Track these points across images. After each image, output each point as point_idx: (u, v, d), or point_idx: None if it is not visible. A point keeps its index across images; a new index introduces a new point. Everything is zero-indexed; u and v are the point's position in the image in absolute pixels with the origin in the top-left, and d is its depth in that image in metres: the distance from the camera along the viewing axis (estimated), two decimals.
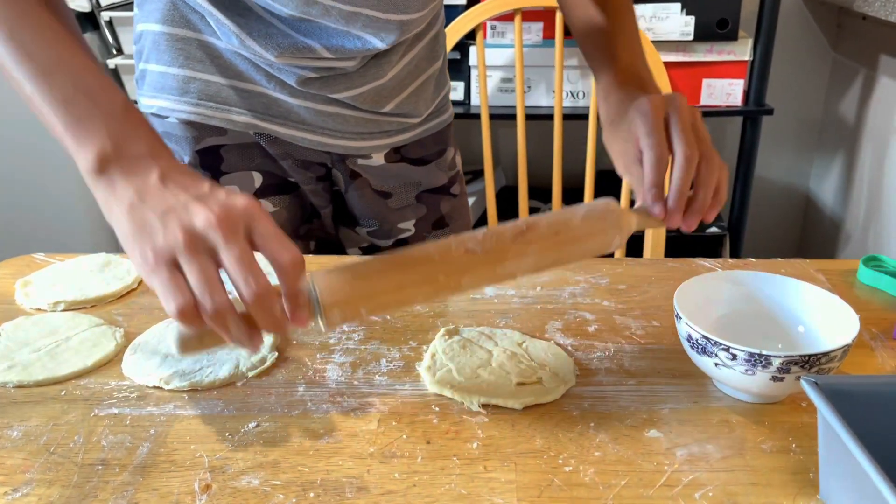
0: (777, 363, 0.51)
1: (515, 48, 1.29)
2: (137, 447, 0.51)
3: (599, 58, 0.75)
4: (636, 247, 1.26)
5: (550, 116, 1.37)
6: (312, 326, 0.51)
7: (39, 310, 0.69)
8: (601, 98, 0.73)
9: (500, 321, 0.68)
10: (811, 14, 1.87)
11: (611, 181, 1.20)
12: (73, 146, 0.52)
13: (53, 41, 0.55)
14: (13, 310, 0.70)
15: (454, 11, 1.37)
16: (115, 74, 1.76)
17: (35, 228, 1.90)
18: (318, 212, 0.89)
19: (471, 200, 1.65)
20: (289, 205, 0.85)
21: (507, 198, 1.73)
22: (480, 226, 1.03)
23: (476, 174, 1.83)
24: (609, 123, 0.69)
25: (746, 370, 0.52)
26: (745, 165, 1.65)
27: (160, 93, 0.79)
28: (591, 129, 1.25)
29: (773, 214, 2.07)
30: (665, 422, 0.54)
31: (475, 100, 1.62)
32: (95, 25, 1.72)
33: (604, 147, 0.75)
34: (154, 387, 0.58)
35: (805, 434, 0.53)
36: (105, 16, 1.67)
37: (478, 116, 1.31)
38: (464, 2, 1.53)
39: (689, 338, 0.55)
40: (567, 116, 1.34)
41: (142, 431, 0.53)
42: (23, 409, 0.56)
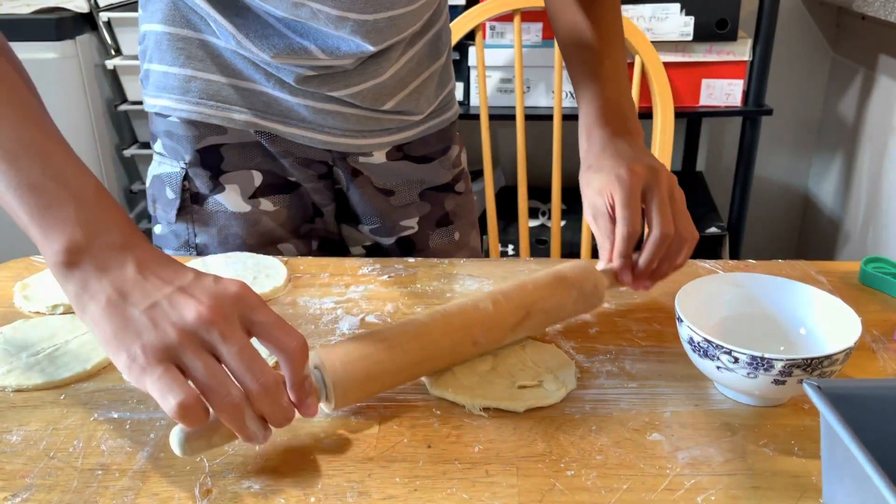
0: (779, 366, 0.51)
1: (515, 48, 1.29)
2: (137, 452, 0.51)
3: (584, 82, 0.77)
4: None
5: (550, 117, 1.37)
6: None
7: (38, 313, 0.69)
8: (583, 133, 0.75)
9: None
10: (810, 14, 1.87)
11: None
12: (40, 236, 0.47)
13: (16, 111, 0.49)
14: (12, 313, 0.69)
15: (453, 12, 1.37)
16: (113, 75, 1.76)
17: None
18: (320, 210, 0.89)
19: None
20: (290, 204, 0.85)
21: (507, 198, 1.72)
22: (480, 225, 1.03)
23: (475, 174, 1.83)
24: (587, 167, 0.72)
25: (748, 373, 0.52)
26: (745, 166, 1.65)
27: (163, 92, 0.79)
28: None
29: (773, 215, 2.07)
30: (667, 425, 0.54)
31: (474, 100, 1.62)
32: (94, 26, 1.71)
33: None
34: None
35: (807, 437, 0.52)
36: (103, 16, 1.67)
37: (477, 117, 1.31)
38: (463, 2, 1.53)
39: (691, 341, 0.55)
40: (566, 117, 1.33)
41: (142, 436, 0.53)
42: (22, 414, 0.55)
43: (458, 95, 1.63)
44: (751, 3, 1.71)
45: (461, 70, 1.61)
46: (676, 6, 1.51)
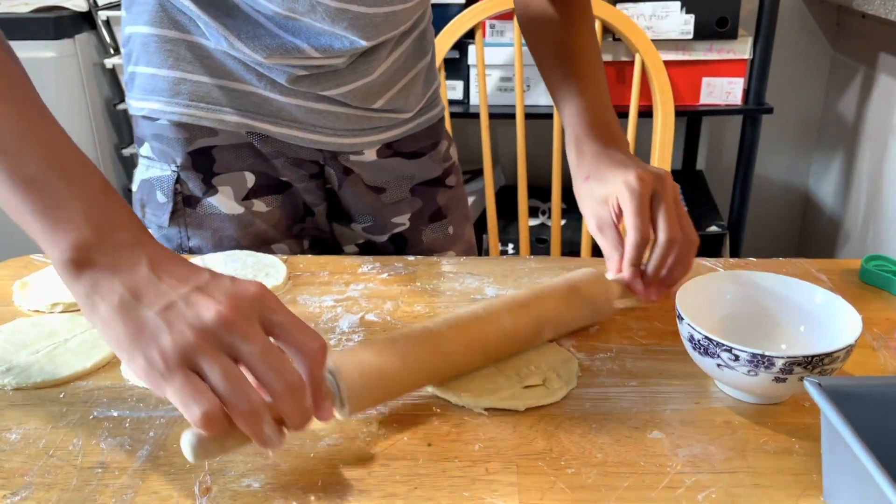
0: (780, 364, 0.51)
1: (514, 47, 1.29)
2: (137, 450, 0.51)
3: (566, 95, 0.77)
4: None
5: (550, 115, 1.37)
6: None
7: (37, 311, 0.69)
8: (571, 145, 0.75)
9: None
10: (811, 12, 1.87)
11: None
12: (45, 234, 0.45)
13: (16, 105, 0.47)
14: (11, 311, 0.69)
15: (453, 10, 1.37)
16: (112, 74, 1.76)
17: None
18: (312, 210, 0.89)
19: (470, 199, 1.65)
20: (282, 204, 0.85)
21: (507, 197, 1.72)
22: (479, 224, 1.02)
23: (475, 173, 1.83)
24: (583, 180, 0.71)
25: (749, 371, 0.52)
26: (745, 164, 1.65)
27: (150, 95, 0.79)
28: None
29: (773, 213, 2.07)
30: (667, 423, 0.54)
31: (474, 99, 1.62)
32: (92, 25, 1.71)
33: None
34: None
35: (808, 435, 0.52)
36: (102, 15, 1.67)
37: (477, 116, 1.31)
38: (462, 1, 1.53)
39: (692, 338, 0.55)
40: None
41: (141, 434, 0.53)
42: (21, 412, 0.55)
43: (458, 94, 1.63)
44: (751, 2, 1.71)
45: (461, 69, 1.61)
46: (677, 4, 1.51)
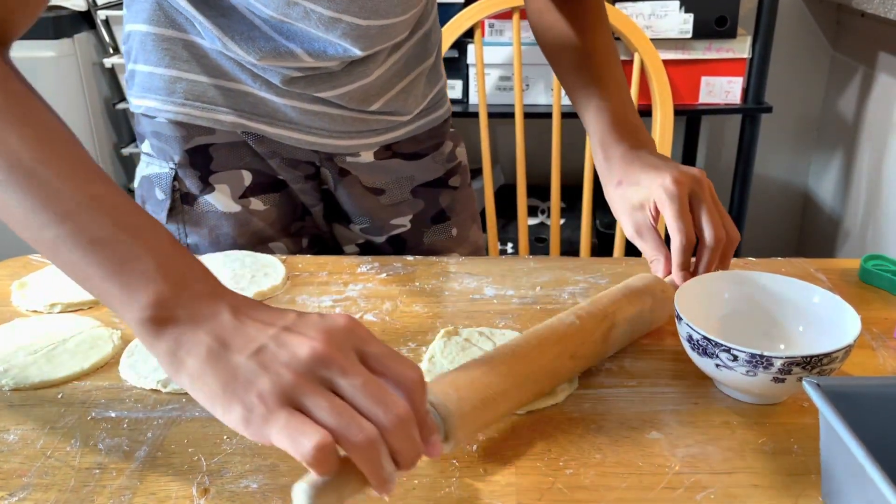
0: (778, 364, 0.51)
1: (514, 46, 1.29)
2: (135, 451, 0.51)
3: (587, 98, 0.76)
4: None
5: (549, 115, 1.37)
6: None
7: (36, 312, 0.69)
8: (598, 152, 0.74)
9: (500, 322, 0.67)
10: (810, 11, 1.87)
11: None
12: (120, 295, 0.44)
13: (72, 165, 0.46)
14: (9, 312, 0.69)
15: (452, 9, 1.36)
16: (112, 73, 1.76)
17: None
18: (309, 210, 0.89)
19: None
20: (279, 203, 0.85)
21: (506, 196, 1.72)
22: (481, 222, 1.02)
23: (474, 172, 1.83)
24: (615, 184, 0.71)
25: (747, 371, 0.52)
26: (744, 163, 1.65)
27: (148, 93, 0.79)
28: None
29: (772, 212, 2.07)
30: (666, 423, 0.54)
31: (473, 98, 1.62)
32: (91, 24, 1.71)
33: None
34: (152, 389, 0.58)
35: (807, 435, 0.52)
36: (101, 14, 1.67)
37: (476, 115, 1.31)
38: (461, 0, 1.53)
39: (690, 339, 0.55)
40: (566, 115, 1.33)
41: (139, 435, 0.53)
42: (19, 413, 0.55)
43: (457, 94, 1.63)
44: (750, 1, 1.71)
45: (460, 68, 1.61)
46: (676, 3, 1.51)
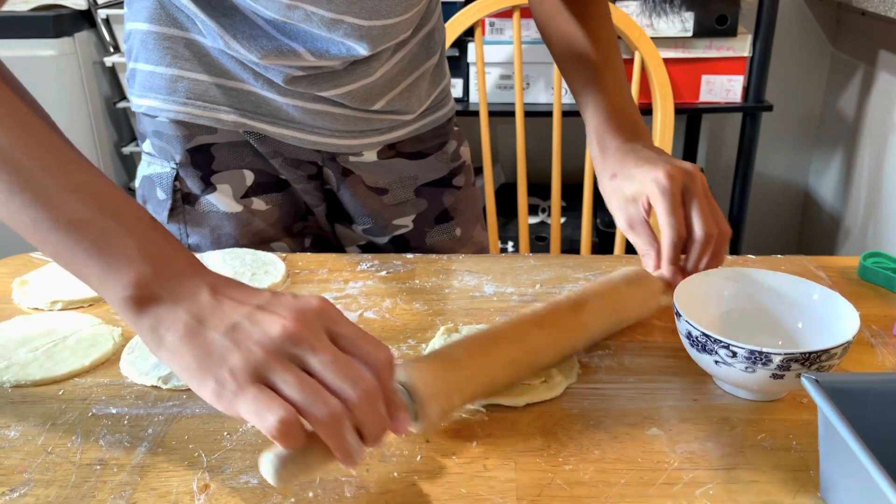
0: (777, 361, 0.51)
1: (514, 45, 1.29)
2: (135, 447, 0.51)
3: (586, 91, 0.76)
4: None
5: (549, 113, 1.37)
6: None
7: (37, 309, 0.69)
8: (594, 144, 0.74)
9: (500, 319, 0.67)
10: (810, 10, 1.87)
11: None
12: (102, 275, 0.45)
13: (51, 151, 0.47)
14: (10, 309, 0.69)
15: (452, 8, 1.36)
16: (112, 72, 1.76)
17: None
18: (312, 210, 0.89)
19: None
20: (281, 202, 0.85)
21: (507, 194, 1.72)
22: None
23: (475, 171, 1.83)
24: (609, 177, 0.71)
25: (746, 368, 0.52)
26: (745, 162, 1.65)
27: (149, 92, 0.79)
28: None
29: (773, 210, 2.07)
30: (665, 419, 0.54)
31: (474, 97, 1.62)
32: (92, 23, 1.71)
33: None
34: (152, 386, 0.58)
35: (805, 431, 0.52)
36: (102, 13, 1.67)
37: (476, 113, 1.31)
38: None
39: (689, 335, 0.55)
40: (566, 113, 1.33)
41: (140, 431, 0.53)
42: (20, 409, 0.55)
43: (458, 92, 1.63)
44: None
45: (460, 66, 1.61)
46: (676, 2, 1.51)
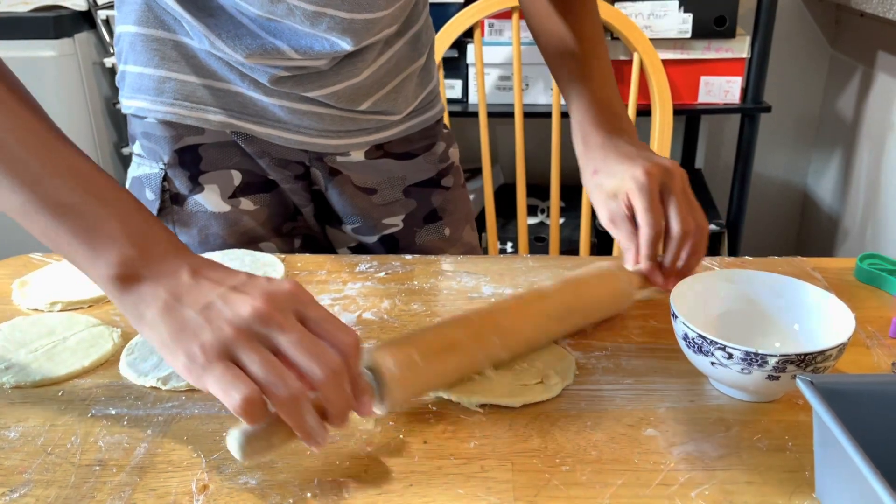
0: (773, 362, 0.51)
1: (513, 46, 1.30)
2: (135, 448, 0.51)
3: (572, 85, 0.77)
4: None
5: (548, 114, 1.37)
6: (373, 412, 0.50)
7: (36, 310, 0.69)
8: (577, 135, 0.75)
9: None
10: (809, 11, 1.87)
11: None
12: (87, 255, 0.48)
13: (37, 134, 0.49)
14: (10, 310, 0.70)
15: (451, 9, 1.37)
16: (112, 73, 1.76)
17: None
18: (300, 210, 0.89)
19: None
20: (269, 203, 0.85)
21: (506, 195, 1.73)
22: (478, 223, 1.03)
23: (474, 172, 1.83)
24: (592, 172, 0.71)
25: (742, 369, 0.52)
26: (743, 163, 1.66)
27: (138, 93, 0.79)
28: None
29: (771, 212, 2.07)
30: (662, 421, 0.54)
31: (473, 98, 1.62)
32: (92, 24, 1.71)
33: None
34: (151, 387, 0.58)
35: (801, 432, 0.53)
36: (102, 14, 1.67)
37: (475, 114, 1.31)
38: (461, 0, 1.53)
39: (686, 337, 0.55)
40: (565, 114, 1.32)
41: (139, 432, 0.53)
42: (20, 410, 0.56)
43: (457, 93, 1.63)
44: (749, 1, 1.71)
45: (460, 67, 1.61)
46: (675, 3, 1.51)
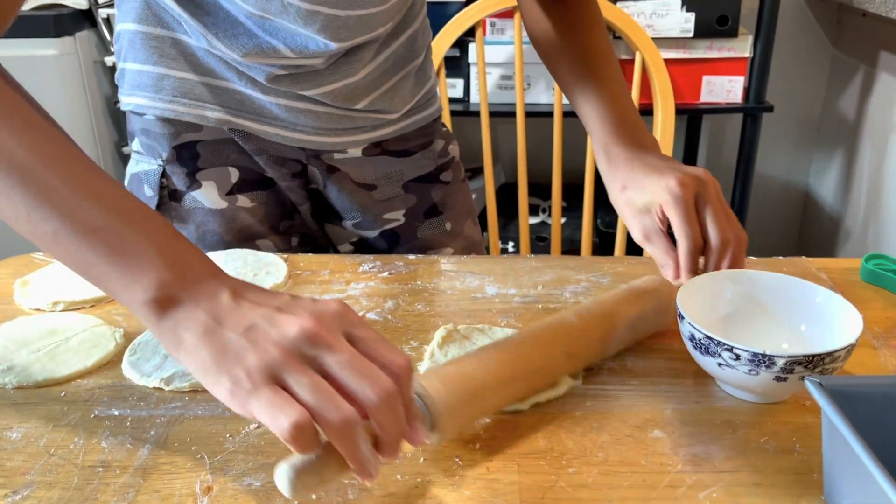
0: (781, 363, 0.51)
1: (515, 45, 1.29)
2: (138, 449, 0.51)
3: (588, 101, 0.75)
4: (636, 245, 1.26)
5: (550, 114, 1.37)
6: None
7: (38, 310, 0.69)
8: (601, 156, 0.73)
9: (502, 320, 0.67)
10: (811, 11, 1.87)
11: None
12: (122, 280, 0.46)
13: (63, 158, 0.47)
14: (12, 310, 0.69)
15: (453, 8, 1.37)
16: (113, 72, 1.76)
17: None
18: (298, 208, 0.89)
19: None
20: (267, 200, 0.85)
21: (507, 195, 1.72)
22: (479, 222, 1.03)
23: (475, 171, 1.83)
24: (620, 188, 0.70)
25: (750, 370, 0.52)
26: (745, 162, 1.65)
27: (136, 90, 0.80)
28: None
29: (773, 211, 2.07)
30: (668, 422, 0.54)
31: (475, 97, 1.62)
32: (93, 23, 1.71)
33: None
34: (155, 388, 0.58)
35: (809, 434, 0.52)
36: (102, 13, 1.67)
37: (477, 114, 1.31)
38: None
39: (692, 338, 0.55)
40: (567, 114, 1.33)
41: (142, 433, 0.53)
42: (22, 411, 0.55)
43: (459, 92, 1.63)
44: (751, 0, 1.71)
45: (461, 67, 1.61)
46: (677, 2, 1.51)
